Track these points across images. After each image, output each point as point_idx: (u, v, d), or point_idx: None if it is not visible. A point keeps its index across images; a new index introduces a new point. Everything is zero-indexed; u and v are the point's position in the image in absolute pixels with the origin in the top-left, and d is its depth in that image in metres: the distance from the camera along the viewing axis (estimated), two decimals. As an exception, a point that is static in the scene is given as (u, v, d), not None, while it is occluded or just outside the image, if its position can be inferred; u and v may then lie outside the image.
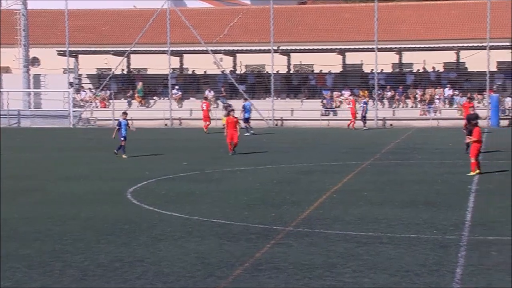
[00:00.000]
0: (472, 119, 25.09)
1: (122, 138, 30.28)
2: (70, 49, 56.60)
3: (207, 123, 46.68)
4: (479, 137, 23.39)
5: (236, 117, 32.12)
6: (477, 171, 23.23)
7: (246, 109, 45.07)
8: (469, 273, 11.58)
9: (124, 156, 29.84)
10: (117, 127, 30.58)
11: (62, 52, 57.49)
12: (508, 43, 52.42)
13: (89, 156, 31.73)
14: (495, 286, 10.96)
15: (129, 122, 31.45)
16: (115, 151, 30.18)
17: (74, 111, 55.83)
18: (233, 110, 33.66)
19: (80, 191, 20.81)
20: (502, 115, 50.42)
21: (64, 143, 40.34)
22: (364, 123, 48.52)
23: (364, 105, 49.19)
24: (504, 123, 49.99)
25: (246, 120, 43.91)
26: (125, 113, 31.75)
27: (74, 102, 56.46)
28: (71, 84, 57.45)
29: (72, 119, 55.50)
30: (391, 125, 51.52)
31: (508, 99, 51.42)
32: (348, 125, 48.21)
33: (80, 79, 60.64)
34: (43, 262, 12.45)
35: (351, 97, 51.36)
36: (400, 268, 11.88)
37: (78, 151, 34.69)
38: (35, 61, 62.70)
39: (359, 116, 48.47)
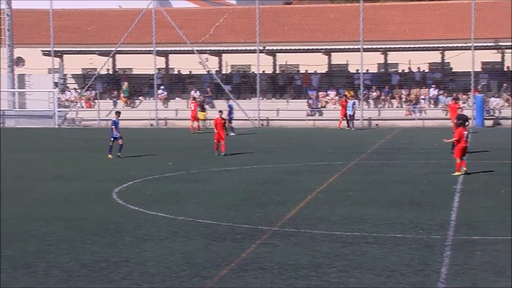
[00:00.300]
0: (458, 119, 25.23)
1: (112, 139, 30.11)
2: (55, 49, 56.34)
3: (196, 123, 46.63)
4: (458, 138, 23.46)
5: (224, 118, 32.13)
6: (464, 169, 23.26)
7: (231, 109, 45.10)
8: (454, 273, 11.63)
9: (109, 156, 29.74)
10: (113, 126, 30.38)
11: (47, 52, 57.23)
12: (492, 44, 52.66)
13: (74, 157, 31.62)
14: (479, 286, 11.01)
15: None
16: (119, 154, 29.84)
17: (59, 111, 55.58)
18: (221, 111, 33.61)
19: (65, 192, 20.75)
20: (487, 115, 50.62)
21: (49, 143, 40.19)
22: (352, 123, 48.66)
23: (354, 106, 49.36)
24: (488, 123, 50.21)
25: (230, 120, 43.91)
26: (118, 113, 31.72)
27: (59, 102, 56.21)
28: (56, 84, 57.22)
29: (57, 119, 55.27)
30: (377, 125, 51.61)
31: (493, 99, 51.64)
32: (347, 126, 48.25)
33: (65, 79, 60.37)
34: (28, 263, 12.40)
35: (342, 98, 51.21)
36: (385, 268, 11.91)
37: (63, 151, 34.56)
38: (19, 61, 62.38)
39: (348, 116, 48.57)
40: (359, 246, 13.54)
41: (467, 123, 25.14)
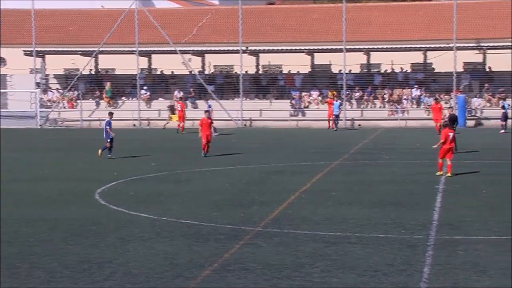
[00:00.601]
0: (448, 120, 25.36)
1: (108, 140, 29.91)
2: (37, 49, 56.06)
3: (182, 123, 46.61)
4: (444, 139, 23.48)
5: (210, 119, 31.90)
6: (449, 174, 23.06)
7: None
8: (436, 272, 11.69)
9: (99, 152, 29.53)
10: (107, 127, 30.17)
11: (28, 52, 56.92)
12: (474, 44, 52.94)
13: (57, 157, 31.50)
14: (461, 285, 11.07)
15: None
16: (108, 155, 29.63)
17: (41, 111, 55.32)
18: (208, 111, 33.45)
19: (47, 192, 20.66)
20: (469, 115, 50.87)
21: (31, 143, 40.00)
22: (337, 123, 48.72)
23: (340, 106, 49.46)
24: (470, 123, 50.44)
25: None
26: (111, 113, 31.58)
27: (41, 102, 55.94)
28: (38, 84, 56.95)
29: (39, 119, 55.00)
30: (359, 125, 51.72)
31: (475, 99, 51.90)
32: (333, 126, 48.25)
33: (47, 79, 60.09)
34: (10, 264, 12.34)
35: (330, 98, 51.22)
36: (368, 268, 11.95)
37: (45, 152, 34.41)
38: (1, 61, 62.00)
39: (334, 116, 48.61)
40: (342, 246, 13.57)
41: (456, 124, 25.16)
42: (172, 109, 49.69)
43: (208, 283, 11.23)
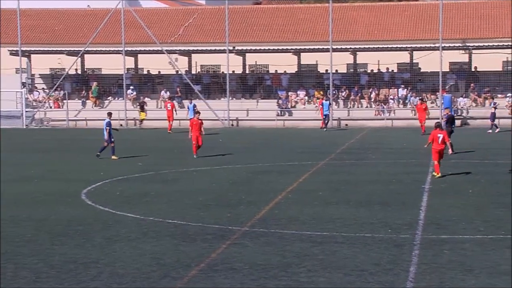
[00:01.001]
0: (439, 121, 25.43)
1: (112, 140, 29.76)
2: (22, 48, 55.79)
3: (170, 123, 46.58)
4: (431, 140, 23.45)
5: (201, 119, 31.32)
6: (434, 174, 23.05)
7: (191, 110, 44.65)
8: (423, 272, 11.73)
9: (113, 157, 29.29)
10: (107, 127, 29.96)
11: (14, 52, 56.66)
12: (459, 44, 53.14)
13: (43, 157, 31.37)
14: (447, 284, 11.11)
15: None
16: (97, 153, 29.52)
17: (27, 111, 55.09)
18: (198, 112, 33.21)
19: (33, 192, 20.58)
20: (455, 115, 51.01)
21: (17, 144, 39.82)
22: (326, 123, 48.75)
23: (329, 106, 49.54)
24: (456, 123, 50.53)
25: None
26: (110, 113, 31.44)
27: (27, 102, 55.69)
28: (23, 84, 56.70)
29: (25, 119, 54.77)
30: (346, 125, 51.79)
31: (460, 99, 52.08)
32: (322, 126, 48.25)
33: (33, 79, 59.82)
34: (-4, 265, 12.30)
35: (318, 98, 51.23)
36: (355, 267, 11.98)
37: (31, 152, 34.28)
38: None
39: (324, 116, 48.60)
40: (329, 245, 13.60)
41: (453, 125, 24.99)
42: (141, 106, 50.08)
43: (195, 283, 11.23)
